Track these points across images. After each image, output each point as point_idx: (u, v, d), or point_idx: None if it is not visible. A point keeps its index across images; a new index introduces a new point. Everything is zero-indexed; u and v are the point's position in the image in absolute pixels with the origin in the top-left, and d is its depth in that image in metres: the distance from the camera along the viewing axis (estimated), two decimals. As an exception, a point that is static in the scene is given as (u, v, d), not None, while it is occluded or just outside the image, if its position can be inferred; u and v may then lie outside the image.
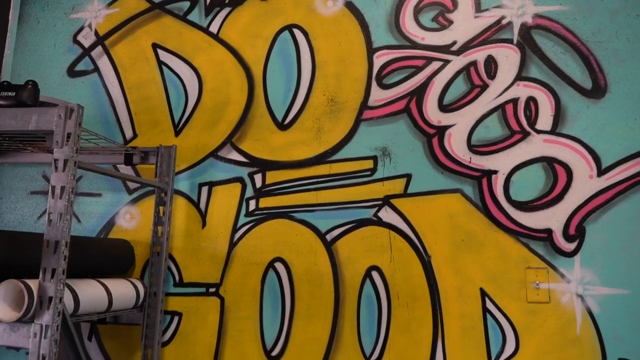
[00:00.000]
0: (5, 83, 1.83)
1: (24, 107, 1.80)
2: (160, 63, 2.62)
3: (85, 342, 2.45)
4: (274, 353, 2.28)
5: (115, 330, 2.44)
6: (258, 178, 2.41)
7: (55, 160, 1.75)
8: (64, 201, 1.72)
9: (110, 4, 2.74)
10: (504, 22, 2.28)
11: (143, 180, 2.28)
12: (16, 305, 1.74)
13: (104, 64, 2.69)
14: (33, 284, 1.70)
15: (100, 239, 2.35)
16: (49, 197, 1.72)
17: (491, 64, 2.26)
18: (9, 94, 1.81)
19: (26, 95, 1.81)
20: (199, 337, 2.36)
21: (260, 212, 2.38)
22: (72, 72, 2.73)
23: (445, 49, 2.31)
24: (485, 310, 2.12)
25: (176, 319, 2.39)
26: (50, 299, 1.67)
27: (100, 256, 2.23)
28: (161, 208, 2.39)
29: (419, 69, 2.32)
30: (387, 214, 2.26)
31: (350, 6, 2.45)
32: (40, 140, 2.18)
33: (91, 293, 1.99)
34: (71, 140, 1.75)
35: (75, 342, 1.84)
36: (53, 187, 1.73)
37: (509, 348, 2.08)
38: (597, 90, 2.16)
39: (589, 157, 2.12)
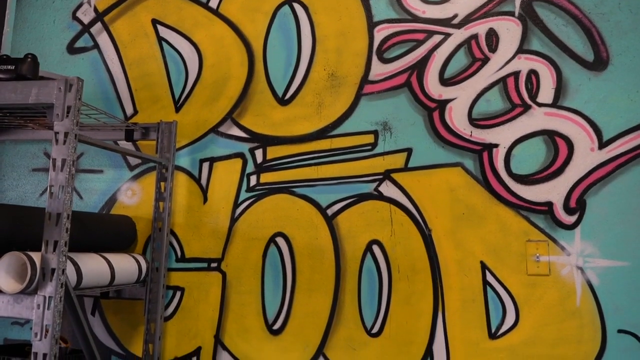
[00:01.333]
0: (4, 56, 1.83)
1: (24, 81, 1.80)
2: (160, 39, 2.61)
3: (88, 317, 2.47)
4: (276, 327, 2.29)
5: (118, 305, 2.46)
6: (259, 153, 2.41)
7: (56, 133, 1.75)
8: (65, 174, 1.72)
9: (109, -20, 2.73)
10: (506, -6, 2.26)
11: (144, 156, 2.29)
12: (19, 277, 1.76)
13: (103, 40, 2.68)
14: (36, 256, 1.71)
15: (102, 215, 2.36)
16: (50, 170, 1.73)
17: (492, 37, 2.24)
18: (9, 67, 1.80)
19: (26, 68, 1.80)
20: (201, 311, 2.37)
21: (261, 187, 2.39)
22: (71, 48, 2.72)
23: (446, 22, 2.29)
24: (485, 283, 2.13)
25: (178, 293, 2.41)
26: (53, 270, 1.68)
27: (103, 232, 2.24)
28: (162, 184, 2.40)
29: (420, 43, 2.31)
30: (387, 188, 2.26)
31: (350, -20, 2.43)
32: (41, 116, 2.18)
33: (93, 266, 2.00)
34: (71, 113, 1.75)
35: (78, 314, 1.85)
36: (54, 160, 1.73)
37: (509, 320, 2.09)
38: (599, 63, 2.15)
39: (590, 129, 2.11)
